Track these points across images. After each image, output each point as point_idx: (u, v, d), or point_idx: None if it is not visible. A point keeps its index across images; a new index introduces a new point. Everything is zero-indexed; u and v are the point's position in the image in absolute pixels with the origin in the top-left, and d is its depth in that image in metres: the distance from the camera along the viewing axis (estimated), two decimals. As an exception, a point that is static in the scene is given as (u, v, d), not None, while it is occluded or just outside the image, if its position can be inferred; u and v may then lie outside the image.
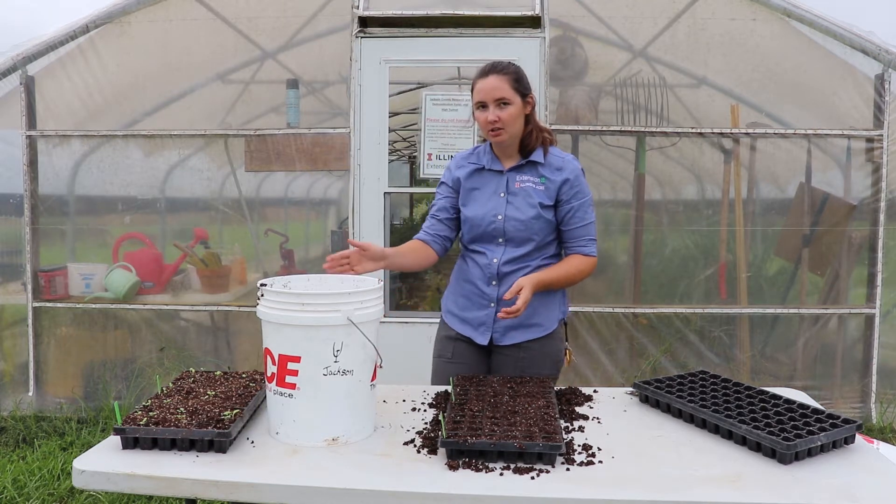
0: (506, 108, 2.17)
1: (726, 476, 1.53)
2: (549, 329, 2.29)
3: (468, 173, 2.34)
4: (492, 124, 2.18)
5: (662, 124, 4.01)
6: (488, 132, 2.22)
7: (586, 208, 2.26)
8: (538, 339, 2.28)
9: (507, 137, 2.21)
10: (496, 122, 2.17)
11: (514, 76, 2.19)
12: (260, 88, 4.24)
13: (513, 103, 2.18)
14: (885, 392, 3.99)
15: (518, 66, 2.25)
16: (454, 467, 1.56)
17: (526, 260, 2.26)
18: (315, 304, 1.67)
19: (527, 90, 2.23)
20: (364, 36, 3.96)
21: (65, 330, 4.26)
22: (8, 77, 4.07)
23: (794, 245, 4.12)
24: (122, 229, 4.30)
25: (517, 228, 2.23)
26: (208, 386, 2.00)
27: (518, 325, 2.27)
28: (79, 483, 1.56)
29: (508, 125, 2.19)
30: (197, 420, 1.69)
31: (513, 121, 2.19)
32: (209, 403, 1.83)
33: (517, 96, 2.19)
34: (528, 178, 2.26)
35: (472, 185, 2.33)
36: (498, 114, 2.17)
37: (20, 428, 3.90)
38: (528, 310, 2.19)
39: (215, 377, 2.10)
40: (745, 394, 1.96)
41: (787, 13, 3.87)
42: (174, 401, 1.85)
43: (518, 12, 3.87)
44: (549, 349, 2.30)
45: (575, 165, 2.27)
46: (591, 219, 2.27)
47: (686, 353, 4.06)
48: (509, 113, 2.17)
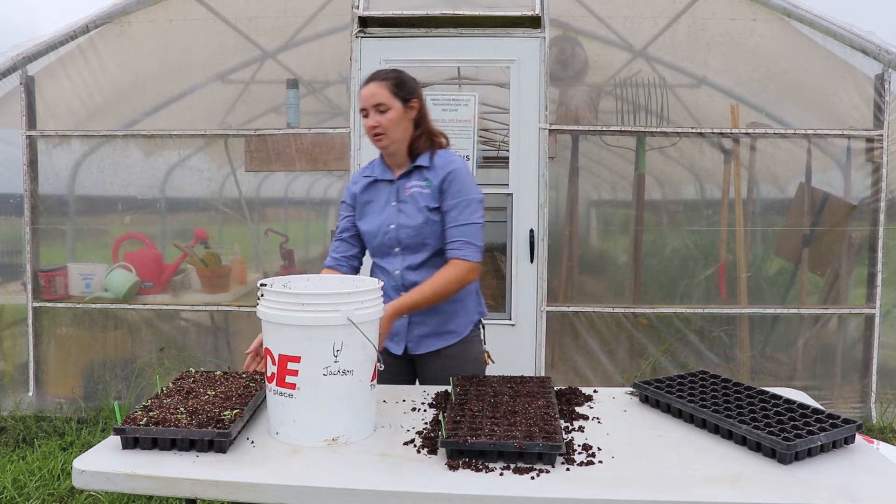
0: (385, 113, 2.20)
1: (726, 476, 1.52)
2: (464, 334, 2.33)
3: (363, 187, 2.36)
4: (372, 129, 2.22)
5: (662, 124, 4.01)
6: (371, 138, 2.25)
7: (463, 208, 2.22)
8: (455, 346, 2.32)
9: (390, 143, 2.24)
10: (376, 127, 2.20)
11: (393, 82, 2.21)
12: (260, 88, 4.24)
13: (392, 108, 2.20)
14: (885, 392, 3.99)
15: (401, 73, 2.27)
16: (454, 467, 1.56)
17: (428, 266, 2.27)
18: (315, 304, 1.67)
19: (409, 95, 2.23)
20: (364, 36, 3.96)
21: (65, 330, 4.26)
22: (8, 77, 4.07)
23: (794, 245, 4.12)
24: (122, 229, 4.30)
25: (410, 235, 2.25)
26: (208, 386, 2.00)
27: (432, 333, 2.31)
28: (79, 483, 1.56)
29: (389, 130, 2.21)
30: (197, 420, 1.69)
31: (393, 126, 2.21)
32: (209, 403, 1.82)
33: (396, 101, 2.20)
34: (416, 184, 2.27)
35: (367, 198, 2.36)
36: (378, 119, 2.20)
37: (20, 428, 3.90)
38: (441, 317, 2.28)
39: (215, 377, 2.10)
40: (745, 394, 1.96)
41: (787, 13, 3.87)
42: (174, 401, 1.84)
43: (518, 12, 3.87)
44: (468, 354, 2.34)
45: (457, 165, 2.26)
46: (469, 220, 2.22)
47: (686, 353, 4.06)
48: (388, 118, 2.20)
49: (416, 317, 2.29)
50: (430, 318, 2.29)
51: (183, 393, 1.92)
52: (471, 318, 2.35)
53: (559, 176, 4.11)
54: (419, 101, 2.26)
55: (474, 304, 2.37)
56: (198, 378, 2.09)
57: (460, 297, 2.29)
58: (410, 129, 2.27)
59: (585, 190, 4.31)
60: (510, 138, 3.98)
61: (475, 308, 2.37)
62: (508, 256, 4.01)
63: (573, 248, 4.11)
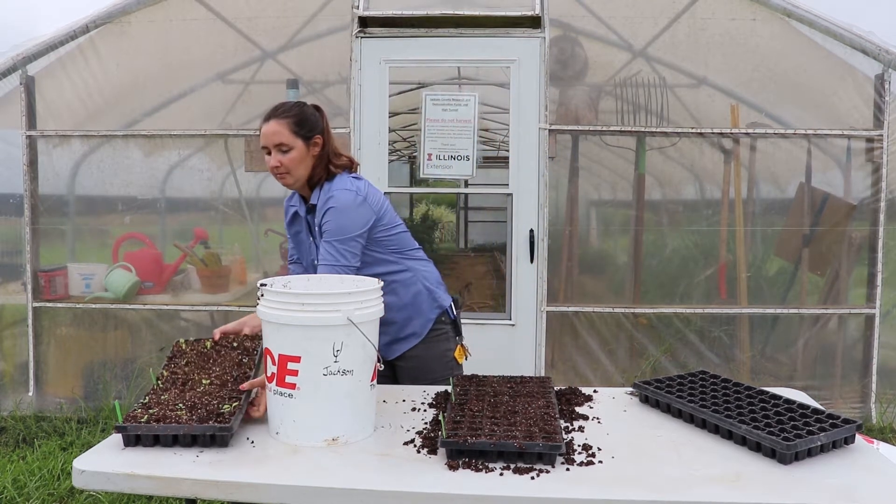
0: (287, 153, 2.15)
1: (726, 476, 1.53)
2: (422, 334, 2.33)
3: (290, 219, 2.37)
4: (275, 169, 2.18)
5: (662, 124, 4.01)
6: (275, 176, 2.20)
7: (327, 248, 2.12)
8: (417, 347, 2.33)
9: (293, 181, 2.20)
10: (279, 167, 2.16)
11: (294, 119, 2.16)
12: (260, 88, 4.24)
13: (293, 147, 2.15)
14: (885, 392, 3.99)
15: (302, 108, 2.21)
16: (454, 467, 1.56)
17: None
18: (315, 304, 1.67)
19: (310, 133, 2.18)
20: (364, 36, 3.96)
21: (65, 330, 4.26)
22: (8, 77, 4.07)
23: (794, 245, 4.12)
24: (122, 229, 4.30)
25: None
26: (203, 369, 1.97)
27: (393, 339, 2.33)
28: (79, 483, 1.56)
29: (292, 170, 2.17)
30: (197, 415, 1.70)
31: (296, 165, 2.17)
32: (207, 395, 1.82)
33: (298, 140, 2.16)
34: (317, 221, 2.21)
35: (295, 229, 2.36)
36: (280, 159, 2.16)
37: (20, 428, 3.90)
38: (396, 325, 2.29)
39: (207, 353, 2.05)
40: (745, 394, 1.96)
41: (787, 13, 3.87)
42: (171, 395, 1.84)
43: (518, 12, 3.87)
44: (433, 352, 2.34)
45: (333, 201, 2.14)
46: (329, 261, 2.11)
47: (686, 353, 4.06)
48: (290, 158, 2.16)
49: None
50: (387, 327, 2.27)
51: (179, 385, 1.90)
52: (427, 316, 2.35)
53: (559, 176, 4.11)
54: (321, 136, 2.21)
55: (428, 303, 2.35)
56: (190, 356, 2.04)
57: (408, 302, 2.31)
58: (313, 164, 2.21)
59: (585, 190, 4.31)
60: (510, 138, 3.98)
61: (430, 306, 2.36)
62: (508, 256, 4.01)
63: (573, 248, 4.11)
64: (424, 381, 2.31)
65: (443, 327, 2.38)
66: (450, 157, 3.93)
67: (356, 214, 2.15)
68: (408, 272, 2.32)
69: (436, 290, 2.38)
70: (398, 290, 2.30)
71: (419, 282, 2.34)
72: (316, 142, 2.20)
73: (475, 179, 4.02)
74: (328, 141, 2.24)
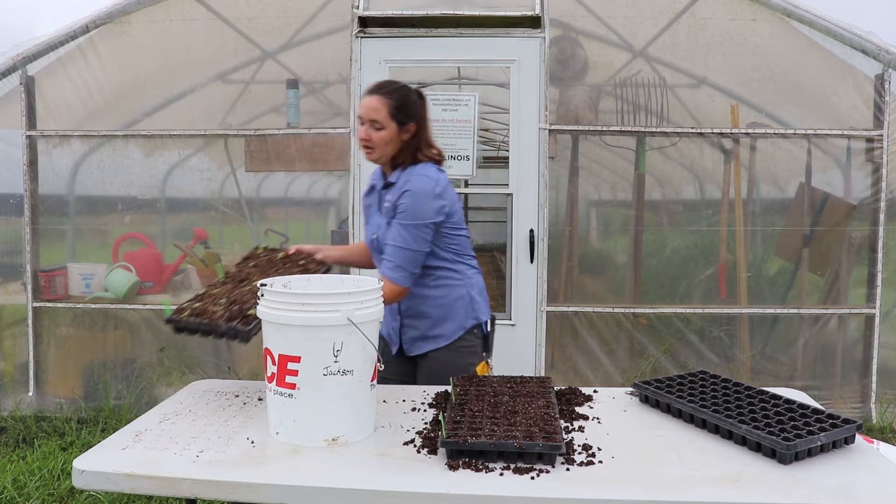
0: (378, 131, 2.22)
1: (726, 476, 1.52)
2: (451, 339, 2.32)
3: (366, 192, 2.47)
4: (363, 142, 2.25)
5: (662, 124, 4.01)
6: (361, 146, 2.29)
7: (401, 229, 2.19)
8: (441, 350, 2.33)
9: (377, 157, 2.28)
10: (367, 140, 2.24)
11: (395, 102, 2.22)
12: (260, 88, 4.24)
13: (386, 128, 2.22)
14: (885, 392, 3.99)
15: (406, 93, 2.26)
16: (454, 467, 1.56)
17: None
18: (315, 304, 1.67)
19: (406, 119, 2.23)
20: (364, 36, 3.96)
21: (65, 330, 4.26)
22: (8, 77, 4.07)
23: (794, 245, 4.12)
24: (122, 229, 4.30)
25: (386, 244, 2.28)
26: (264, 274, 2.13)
27: (420, 336, 2.35)
28: (79, 483, 1.56)
29: (378, 147, 2.24)
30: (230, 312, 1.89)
31: (383, 144, 2.24)
32: (251, 293, 1.98)
33: (393, 123, 2.22)
34: (389, 198, 2.29)
35: (367, 202, 2.45)
36: (370, 133, 2.23)
37: (20, 428, 3.90)
38: (428, 322, 2.32)
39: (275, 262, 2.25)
40: (745, 394, 1.96)
41: (787, 13, 3.87)
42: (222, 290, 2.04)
43: (518, 12, 3.87)
44: (455, 361, 2.32)
45: (413, 184, 2.21)
46: (399, 242, 2.19)
47: (686, 353, 4.06)
48: (380, 136, 2.22)
49: (408, 320, 2.34)
50: (419, 321, 2.33)
51: (236, 281, 2.09)
52: (461, 323, 2.34)
53: (559, 176, 4.11)
54: (416, 124, 2.26)
55: (465, 311, 2.34)
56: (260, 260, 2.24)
57: (448, 303, 2.32)
58: (400, 147, 2.27)
59: (585, 190, 4.31)
60: (510, 138, 3.98)
61: (467, 314, 2.34)
62: (508, 256, 4.01)
63: (573, 248, 4.11)
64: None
65: (473, 340, 2.36)
66: (450, 157, 3.93)
67: (432, 203, 2.20)
68: (457, 275, 2.34)
69: (478, 301, 2.37)
70: (442, 289, 2.31)
71: (465, 287, 2.34)
72: (409, 128, 2.25)
73: (475, 179, 4.02)
74: (423, 129, 2.29)
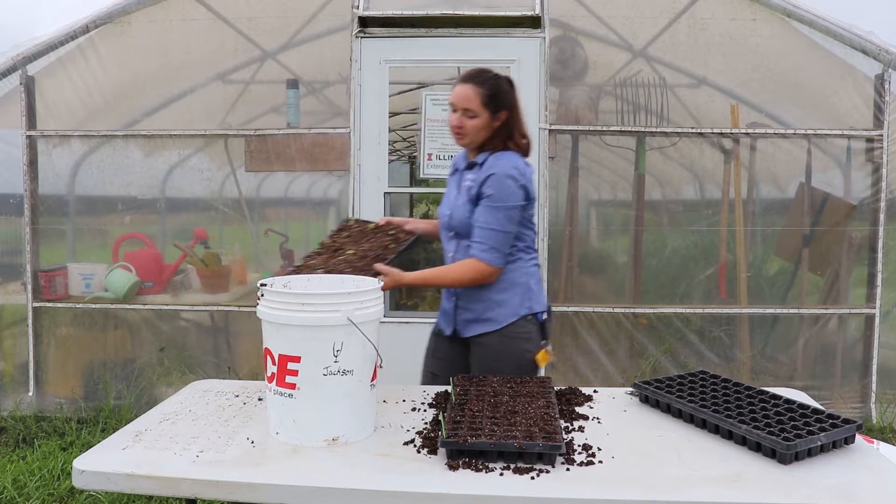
0: (471, 119, 2.26)
1: (726, 476, 1.53)
2: (502, 324, 2.31)
3: (449, 175, 2.54)
4: (455, 129, 2.30)
5: (662, 124, 4.01)
6: (452, 132, 2.34)
7: (491, 211, 2.23)
8: (491, 335, 2.32)
9: (468, 143, 2.33)
10: (460, 128, 2.28)
11: (489, 91, 2.25)
12: (260, 88, 4.24)
13: (479, 117, 2.26)
14: (885, 392, 3.99)
15: (499, 81, 2.28)
16: (454, 467, 1.56)
17: None
18: (315, 304, 1.67)
19: (499, 108, 2.27)
20: (364, 36, 3.96)
21: (65, 330, 4.26)
22: (8, 77, 4.07)
23: (794, 245, 4.12)
24: (122, 229, 4.30)
25: (461, 223, 2.31)
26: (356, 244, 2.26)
27: (474, 319, 2.36)
28: (79, 483, 1.56)
29: (470, 134, 2.28)
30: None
31: (475, 132, 2.28)
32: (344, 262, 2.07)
33: (486, 111, 2.25)
34: (470, 178, 2.33)
35: (449, 183, 2.51)
36: (463, 121, 2.27)
37: (20, 428, 3.90)
38: (483, 305, 2.32)
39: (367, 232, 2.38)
40: (745, 394, 1.96)
41: (787, 13, 3.87)
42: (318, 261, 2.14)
43: (518, 12, 3.87)
44: (507, 348, 2.32)
45: (501, 168, 2.25)
46: (491, 224, 2.23)
47: (686, 353, 4.06)
48: (473, 124, 2.27)
49: (462, 301, 2.36)
50: (474, 304, 2.34)
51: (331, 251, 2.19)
52: (515, 310, 2.32)
53: (559, 176, 4.10)
54: (508, 112, 2.29)
55: (521, 298, 2.33)
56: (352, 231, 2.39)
57: (504, 287, 2.31)
58: (491, 134, 2.30)
59: (585, 190, 4.31)
60: (510, 138, 3.97)
61: (523, 302, 2.33)
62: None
63: (573, 248, 4.10)
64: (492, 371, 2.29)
65: (527, 327, 2.34)
66: (450, 157, 3.93)
67: (517, 189, 2.25)
68: (520, 263, 2.35)
69: (535, 291, 2.37)
70: (503, 275, 2.31)
71: (524, 276, 2.35)
72: (500, 117, 2.28)
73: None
74: (513, 118, 2.32)
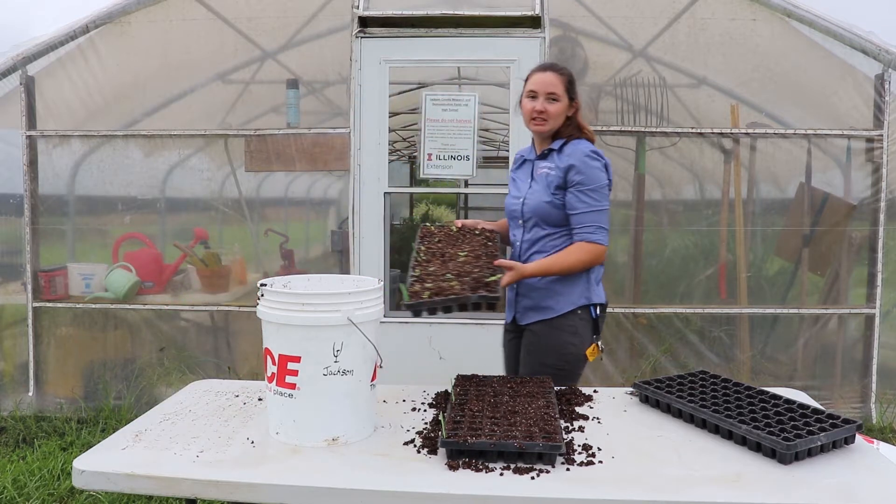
0: (554, 103, 2.37)
1: (726, 476, 1.53)
2: (557, 312, 2.35)
3: (516, 166, 2.62)
4: (538, 113, 2.37)
5: (662, 124, 4.01)
6: (530, 120, 2.40)
7: (590, 194, 2.31)
8: (543, 324, 2.36)
9: (548, 129, 2.40)
10: (543, 112, 2.36)
11: (568, 79, 2.41)
12: (260, 88, 4.24)
13: (561, 101, 2.38)
14: (885, 392, 3.99)
15: (572, 72, 2.47)
16: (454, 467, 1.56)
17: (546, 241, 2.38)
18: (315, 304, 1.67)
19: (574, 95, 2.43)
20: (364, 36, 3.96)
21: (65, 330, 4.26)
22: (8, 77, 4.07)
23: (794, 245, 4.12)
24: (122, 229, 4.30)
25: (533, 211, 2.38)
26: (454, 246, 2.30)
27: (532, 306, 2.41)
28: (79, 483, 1.56)
29: (552, 118, 2.38)
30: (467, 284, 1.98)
31: (557, 115, 2.38)
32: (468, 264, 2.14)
33: (566, 97, 2.39)
34: (546, 165, 2.41)
35: (515, 175, 2.60)
36: (546, 106, 2.36)
37: (20, 428, 3.90)
38: (542, 292, 2.37)
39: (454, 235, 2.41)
40: (745, 394, 1.96)
41: (787, 13, 3.87)
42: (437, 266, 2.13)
43: (518, 12, 3.87)
44: (555, 338, 2.35)
45: (582, 152, 2.34)
46: (590, 206, 2.31)
47: (686, 353, 4.06)
48: (555, 108, 2.37)
49: (523, 289, 2.43)
50: (534, 291, 2.39)
51: (439, 256, 2.22)
52: (572, 300, 2.36)
53: (559, 176, 4.09)
54: (577, 102, 2.44)
55: (580, 291, 2.37)
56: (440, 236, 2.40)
57: (567, 276, 2.35)
58: (564, 121, 2.43)
59: (585, 190, 4.29)
60: (510, 138, 3.97)
61: (581, 293, 2.37)
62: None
63: (573, 248, 4.09)
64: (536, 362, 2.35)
65: (579, 320, 2.37)
66: (450, 157, 3.93)
67: (602, 168, 2.36)
68: None
69: (594, 286, 2.41)
70: None
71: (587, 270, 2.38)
72: (574, 104, 2.43)
73: (475, 179, 4.02)
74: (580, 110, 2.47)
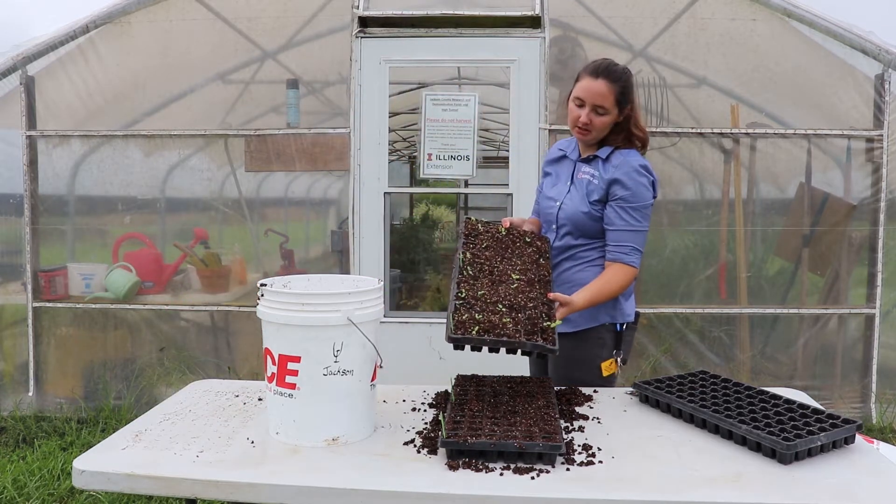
0: (601, 116, 2.19)
1: (726, 476, 1.52)
2: (579, 327, 2.25)
3: (554, 159, 2.43)
4: (583, 125, 2.20)
5: (662, 124, 4.01)
6: (574, 128, 2.24)
7: (632, 213, 2.17)
8: (568, 336, 2.23)
9: (591, 139, 2.25)
10: (587, 123, 2.20)
11: (622, 88, 2.18)
12: (260, 88, 4.24)
13: (609, 114, 2.19)
14: (885, 392, 3.99)
15: (629, 76, 2.23)
16: (454, 467, 1.56)
17: (577, 251, 2.28)
18: (315, 304, 1.67)
19: (627, 103, 2.22)
20: (364, 36, 3.96)
21: (65, 330, 4.26)
22: (8, 77, 4.07)
23: (794, 245, 4.11)
24: (122, 229, 4.30)
25: (569, 218, 2.26)
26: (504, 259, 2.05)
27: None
28: (79, 483, 1.56)
29: (596, 130, 2.21)
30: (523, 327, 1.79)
31: (602, 129, 2.22)
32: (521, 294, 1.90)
33: (616, 108, 2.20)
34: (590, 171, 2.26)
35: (552, 169, 2.43)
36: (591, 118, 2.19)
37: (20, 428, 3.90)
38: None
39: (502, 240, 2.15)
40: (745, 394, 1.96)
41: (787, 13, 3.87)
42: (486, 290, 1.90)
43: (518, 12, 3.87)
44: (579, 352, 2.26)
45: (630, 166, 2.18)
46: (634, 226, 2.17)
47: (686, 353, 4.06)
48: (602, 121, 2.20)
49: None
50: None
51: (486, 273, 1.98)
52: (596, 316, 2.26)
53: (559, 176, 4.09)
54: (631, 107, 2.24)
55: (606, 308, 2.26)
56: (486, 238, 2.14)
57: None
58: (612, 128, 2.25)
59: (585, 190, 4.29)
60: (510, 138, 3.98)
61: (606, 312, 2.27)
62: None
63: (573, 248, 4.10)
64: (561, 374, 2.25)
65: (603, 333, 2.29)
66: (450, 157, 3.93)
67: (649, 187, 2.20)
68: None
69: (622, 303, 2.31)
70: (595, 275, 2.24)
71: None
72: (626, 112, 2.23)
73: (475, 179, 4.02)
74: (634, 111, 2.26)
